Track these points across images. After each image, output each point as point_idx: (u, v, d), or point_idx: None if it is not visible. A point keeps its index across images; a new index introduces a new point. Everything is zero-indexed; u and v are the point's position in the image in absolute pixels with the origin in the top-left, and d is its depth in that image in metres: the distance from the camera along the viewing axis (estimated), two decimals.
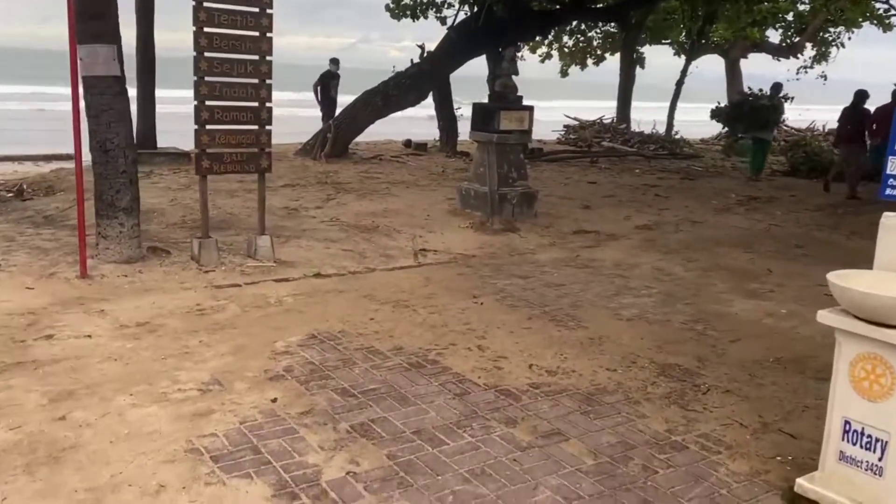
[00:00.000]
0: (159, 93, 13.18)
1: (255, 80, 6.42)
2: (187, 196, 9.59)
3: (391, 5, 16.15)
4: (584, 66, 29.48)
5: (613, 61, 28.67)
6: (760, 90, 14.02)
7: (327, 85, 15.30)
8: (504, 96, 9.14)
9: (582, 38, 28.39)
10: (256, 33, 6.32)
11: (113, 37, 5.98)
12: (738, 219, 10.30)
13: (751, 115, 13.24)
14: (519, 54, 20.58)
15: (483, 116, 9.09)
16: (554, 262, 7.40)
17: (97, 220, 6.29)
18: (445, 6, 16.14)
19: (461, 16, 15.46)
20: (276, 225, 8.29)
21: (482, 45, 14.01)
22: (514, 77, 9.32)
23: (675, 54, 29.21)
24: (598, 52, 29.06)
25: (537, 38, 19.17)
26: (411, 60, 14.24)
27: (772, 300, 6.39)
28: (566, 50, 28.82)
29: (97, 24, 5.89)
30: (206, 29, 6.07)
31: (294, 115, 23.33)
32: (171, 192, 9.91)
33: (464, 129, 17.20)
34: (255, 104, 6.48)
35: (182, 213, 8.69)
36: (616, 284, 6.67)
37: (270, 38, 6.40)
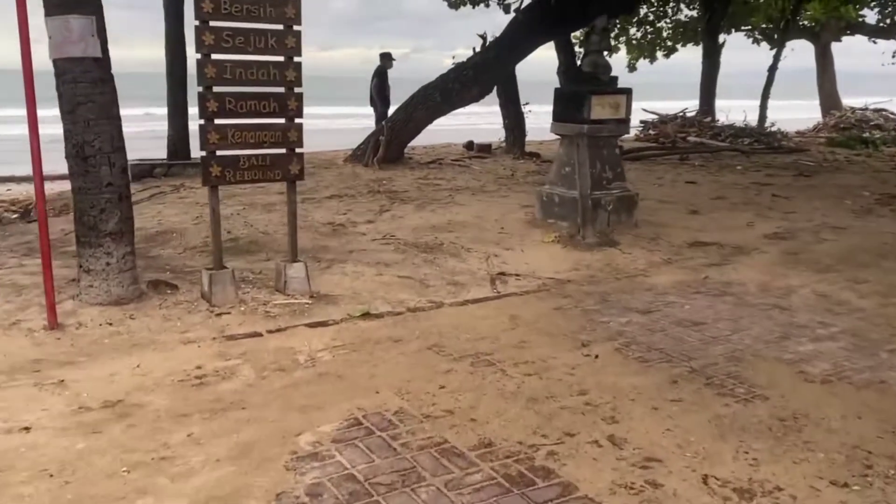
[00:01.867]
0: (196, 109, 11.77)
1: (280, 58, 4.84)
2: None
3: None
4: (653, 58, 27.34)
5: (684, 54, 26.52)
6: None
7: (384, 83, 13.69)
8: (594, 77, 7.36)
9: (651, 29, 26.36)
10: None
11: (89, 4, 4.48)
12: (889, 223, 8.24)
13: None
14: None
15: (568, 103, 7.33)
16: (678, 288, 5.59)
17: (77, 249, 4.80)
18: None
19: (527, 1, 13.72)
20: (318, 245, 6.71)
21: (556, 27, 12.21)
22: (605, 54, 7.53)
23: (753, 42, 26.87)
24: (669, 43, 26.96)
25: (617, 19, 17.06)
26: (473, 49, 12.57)
27: None
28: (634, 42, 26.82)
29: None
30: None
31: (348, 127, 22.03)
32: (199, 208, 8.44)
33: (532, 127, 15.50)
34: (281, 89, 4.90)
35: (206, 233, 7.14)
36: (777, 321, 4.82)
37: (298, 1, 4.81)
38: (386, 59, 13.54)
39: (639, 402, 3.53)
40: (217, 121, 4.70)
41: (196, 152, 11.60)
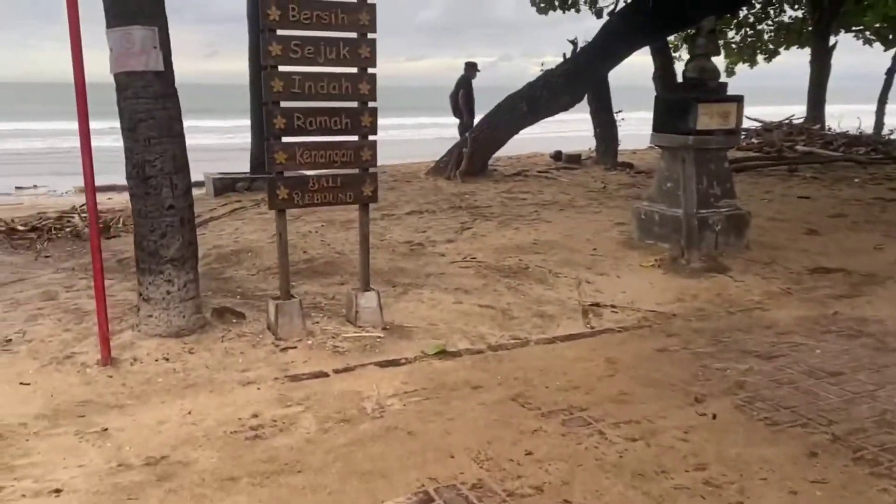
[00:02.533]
0: None
1: (353, 69, 4.41)
2: (294, 229, 7.80)
3: None
4: (753, 63, 25.85)
5: (786, 56, 24.99)
6: None
7: (470, 93, 13.13)
8: (701, 83, 6.64)
9: (751, 32, 24.90)
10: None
11: (153, 14, 4.17)
12: None
13: None
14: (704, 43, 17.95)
15: (671, 112, 6.64)
16: (803, 326, 4.82)
17: (138, 276, 4.50)
18: None
19: (621, 4, 13.00)
20: (394, 267, 6.28)
21: (653, 30, 11.46)
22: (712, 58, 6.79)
23: (864, 44, 25.03)
24: (771, 46, 25.43)
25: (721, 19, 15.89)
26: (564, 55, 11.94)
27: None
28: (732, 46, 25.42)
29: None
30: None
31: (432, 137, 21.75)
32: None
33: (624, 135, 14.70)
34: (354, 104, 4.47)
35: None
36: None
37: (373, 7, 4.37)
38: (471, 68, 13.06)
39: (772, 483, 2.87)
40: (285, 139, 4.32)
41: None
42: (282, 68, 4.22)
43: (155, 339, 4.35)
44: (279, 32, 4.17)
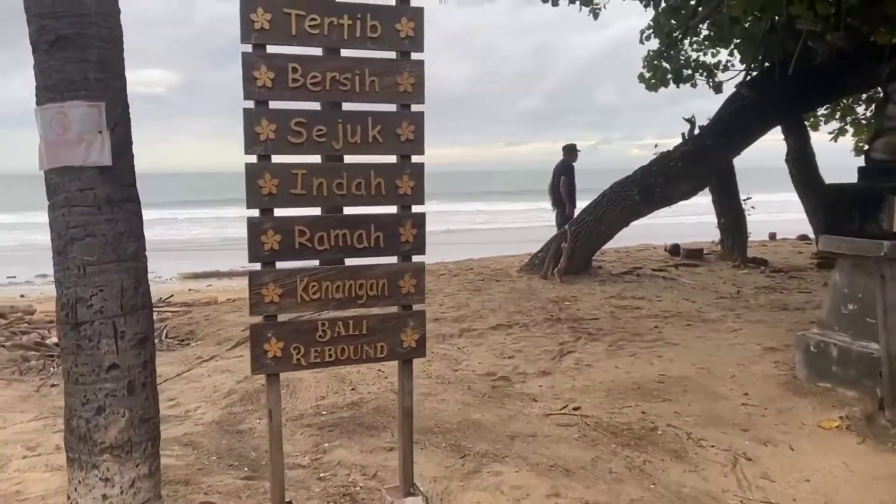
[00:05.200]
0: None
1: (389, 157, 2.90)
2: None
3: (646, 75, 12.40)
4: None
5: None
6: None
7: (573, 180, 11.38)
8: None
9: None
10: (391, 54, 2.85)
11: (103, 86, 2.83)
12: None
13: None
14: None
15: (853, 208, 4.76)
16: None
17: (67, 466, 3.02)
18: (721, 69, 12.02)
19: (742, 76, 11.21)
20: (466, 420, 4.60)
21: (791, 104, 9.61)
22: None
23: None
24: None
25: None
26: (683, 136, 10.20)
27: None
28: (863, 122, 22.91)
29: (69, 56, 2.78)
30: (269, 48, 2.70)
31: (529, 226, 20.27)
32: None
33: (751, 222, 12.66)
34: (390, 209, 2.94)
35: (324, 390, 5.34)
36: None
37: (420, 66, 2.88)
38: (569, 152, 11.47)
39: None
40: (280, 264, 2.81)
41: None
42: (276, 158, 2.75)
43: None
44: (272, 106, 2.72)
